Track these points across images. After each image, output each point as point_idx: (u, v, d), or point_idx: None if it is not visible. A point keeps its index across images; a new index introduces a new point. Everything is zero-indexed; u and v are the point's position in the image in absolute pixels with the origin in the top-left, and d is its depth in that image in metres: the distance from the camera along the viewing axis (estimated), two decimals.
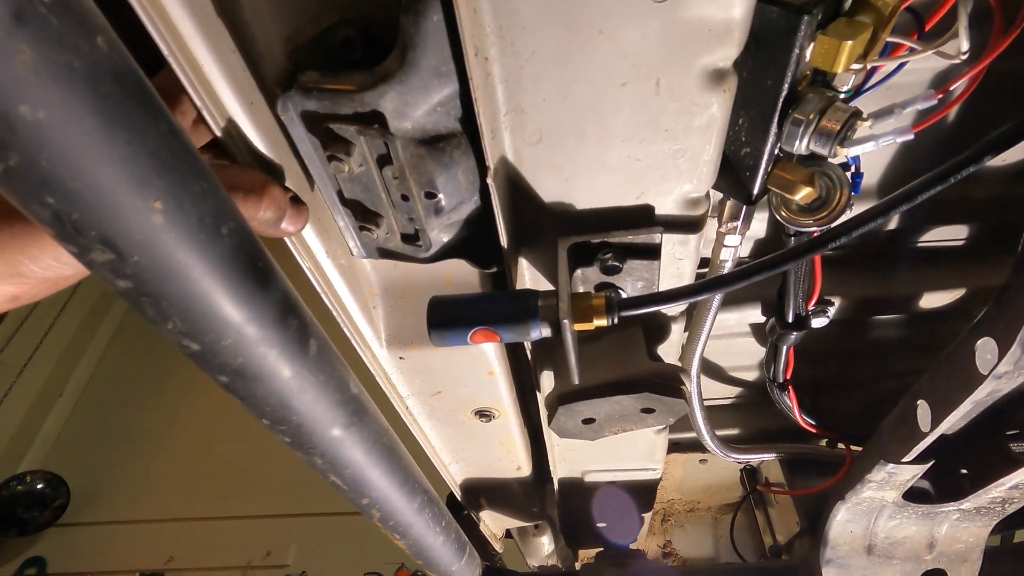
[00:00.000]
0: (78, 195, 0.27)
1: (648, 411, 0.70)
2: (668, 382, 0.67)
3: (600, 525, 1.36)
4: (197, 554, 4.43)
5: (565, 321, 0.50)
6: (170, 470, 4.71)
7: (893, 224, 0.76)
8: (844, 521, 0.92)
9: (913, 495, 0.90)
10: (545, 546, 1.65)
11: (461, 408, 0.88)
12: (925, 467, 0.78)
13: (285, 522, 4.59)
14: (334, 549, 4.44)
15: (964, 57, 0.43)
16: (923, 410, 0.73)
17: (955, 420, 0.68)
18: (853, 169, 0.58)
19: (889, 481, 0.81)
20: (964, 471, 0.89)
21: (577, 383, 0.59)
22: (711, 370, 1.06)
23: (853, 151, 0.46)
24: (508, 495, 1.24)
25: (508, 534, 1.58)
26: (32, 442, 4.60)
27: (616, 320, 0.55)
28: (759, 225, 0.75)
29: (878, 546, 0.94)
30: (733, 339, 0.95)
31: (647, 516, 1.33)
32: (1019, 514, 1.17)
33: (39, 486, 4.36)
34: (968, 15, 0.41)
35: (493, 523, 1.38)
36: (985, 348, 0.62)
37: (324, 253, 0.60)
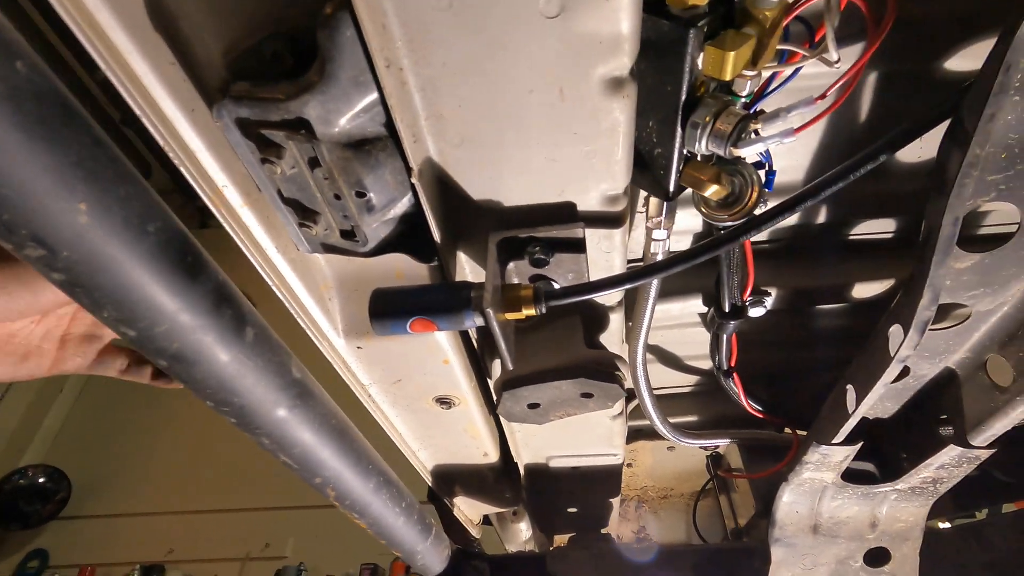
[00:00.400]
0: (7, 199, 0.31)
1: (587, 396, 0.74)
2: (603, 368, 0.71)
3: (570, 511, 1.41)
4: (197, 546, 4.50)
5: (489, 310, 0.55)
6: (169, 464, 4.78)
7: (823, 218, 0.80)
8: (790, 502, 0.96)
9: (858, 478, 0.94)
10: (523, 532, 1.70)
11: (421, 396, 0.93)
12: (854, 448, 0.82)
13: (283, 515, 4.66)
14: (331, 541, 4.51)
15: (838, 66, 0.47)
16: (850, 393, 0.77)
17: (874, 402, 0.72)
18: (767, 167, 0.62)
19: (824, 462, 0.85)
20: (904, 455, 0.94)
21: (510, 368, 0.63)
22: (668, 359, 1.10)
23: (744, 151, 0.50)
24: (479, 481, 1.29)
25: (487, 520, 1.63)
26: (33, 437, 4.67)
27: (544, 309, 0.60)
28: (695, 220, 0.79)
29: (823, 525, 0.98)
30: (684, 329, 1.00)
31: (615, 501, 1.38)
32: (968, 496, 1.21)
33: (41, 480, 4.42)
34: (835, 28, 0.45)
35: (468, 509, 1.42)
36: (896, 334, 0.66)
37: (275, 249, 0.65)
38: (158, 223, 0.39)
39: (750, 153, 0.50)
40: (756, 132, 0.50)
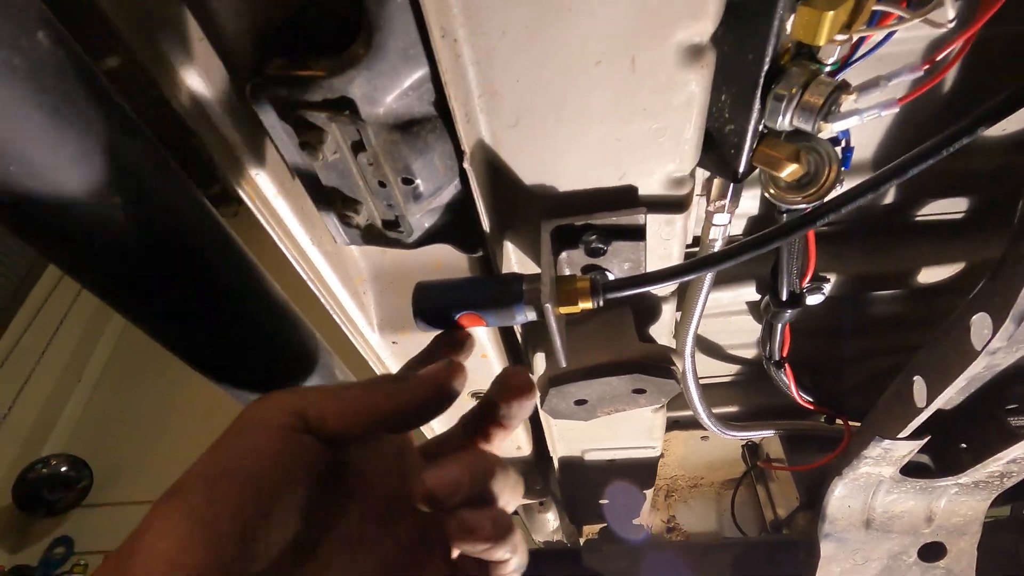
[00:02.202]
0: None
1: (639, 392, 0.70)
2: (658, 363, 0.67)
3: (602, 503, 1.38)
4: None
5: (547, 305, 0.50)
6: (188, 451, 4.78)
7: (890, 198, 0.74)
8: (842, 496, 0.92)
9: (911, 470, 0.90)
10: (551, 522, 1.67)
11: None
12: (921, 443, 0.77)
13: None
14: None
15: (951, 25, 0.41)
16: (919, 386, 0.72)
17: (950, 396, 0.67)
18: (844, 144, 0.56)
19: (885, 457, 0.81)
20: (963, 446, 0.89)
21: (564, 366, 0.59)
22: (709, 348, 1.05)
23: (838, 126, 0.45)
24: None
25: (514, 511, 1.61)
26: (54, 426, 4.72)
27: (601, 303, 0.55)
28: (752, 203, 0.74)
29: (876, 520, 0.94)
30: (729, 317, 0.95)
31: (648, 493, 1.35)
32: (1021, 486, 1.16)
33: (63, 469, 4.48)
34: None
35: None
36: (980, 323, 0.61)
37: (309, 241, 0.60)
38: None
39: (844, 127, 0.44)
40: (848, 106, 0.45)
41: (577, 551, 1.15)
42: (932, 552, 0.96)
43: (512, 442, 1.09)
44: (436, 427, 0.91)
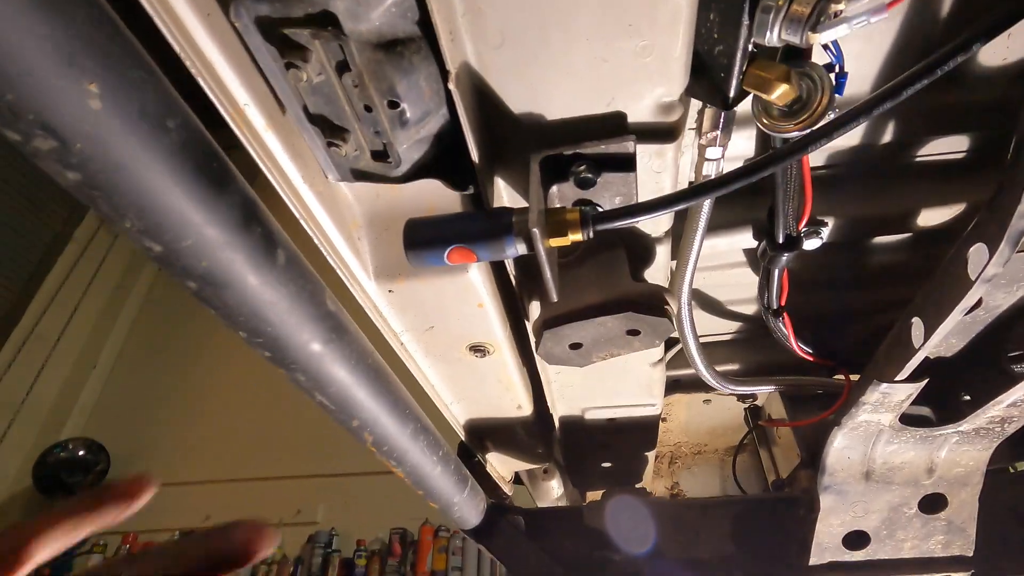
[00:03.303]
0: (6, 73, 0.28)
1: (634, 333, 0.70)
2: (651, 301, 0.67)
3: (605, 465, 1.39)
4: (231, 513, 4.63)
5: (535, 230, 0.50)
6: (204, 434, 4.91)
7: (888, 137, 0.73)
8: (841, 447, 0.92)
9: (912, 421, 0.89)
10: (555, 490, 1.69)
11: (455, 344, 0.89)
12: (919, 385, 0.77)
13: (314, 482, 4.78)
14: (361, 507, 4.63)
15: None
16: (916, 327, 0.72)
17: (946, 332, 0.67)
18: (837, 69, 0.56)
19: (884, 402, 0.81)
20: (966, 397, 0.88)
21: (555, 300, 0.59)
22: (709, 304, 1.05)
23: (826, 35, 0.44)
24: (512, 436, 1.27)
25: (518, 479, 1.62)
26: (71, 411, 4.82)
27: (591, 234, 0.55)
28: (747, 143, 0.73)
29: (876, 472, 0.94)
30: (728, 270, 0.94)
31: (651, 455, 1.35)
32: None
33: (80, 452, 4.57)
34: None
35: (500, 466, 1.41)
36: (977, 254, 0.60)
37: (301, 179, 0.60)
38: (178, 119, 0.35)
39: (834, 36, 0.44)
40: (837, 14, 0.44)
41: (579, 511, 1.16)
42: (933, 504, 0.96)
43: (512, 401, 1.10)
44: None
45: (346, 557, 4.40)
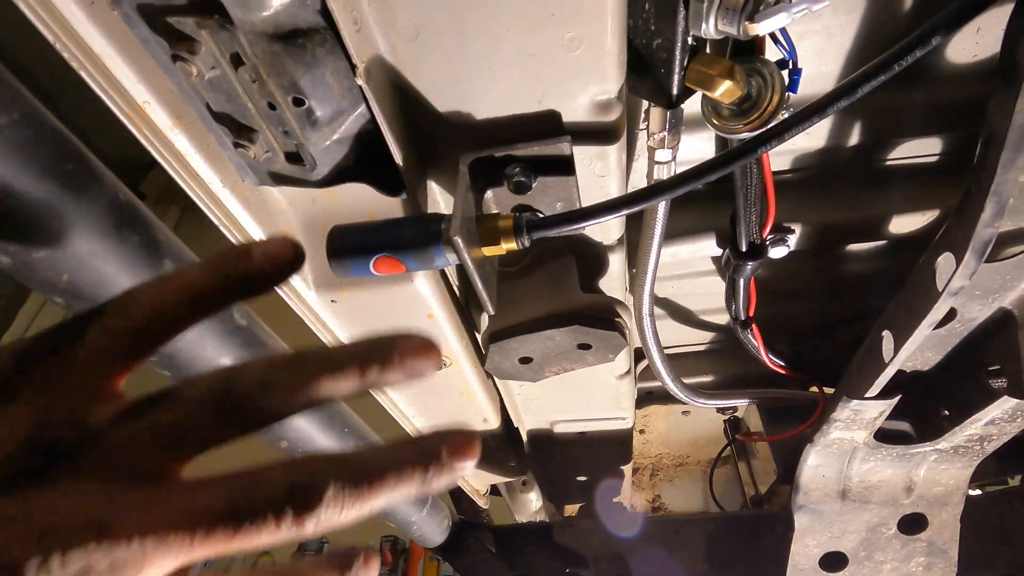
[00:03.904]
0: None
1: (585, 347, 0.66)
2: (601, 314, 0.62)
3: (580, 479, 1.35)
4: None
5: (457, 239, 0.46)
6: None
7: (856, 140, 0.69)
8: (815, 465, 0.87)
9: (889, 436, 0.85)
10: (533, 502, 1.64)
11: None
12: (891, 402, 0.73)
13: None
14: None
15: None
16: (887, 340, 0.67)
17: (916, 346, 0.63)
18: (791, 65, 0.52)
19: (856, 419, 0.76)
20: (945, 412, 0.84)
21: (492, 312, 0.55)
22: (678, 313, 1.01)
23: (764, 25, 0.40)
24: (484, 450, 1.22)
25: (497, 492, 1.58)
26: None
27: (527, 242, 0.51)
28: (707, 145, 0.69)
29: (852, 490, 0.89)
30: (698, 279, 0.90)
31: (627, 468, 1.31)
32: (1011, 457, 1.11)
33: None
34: None
35: (474, 479, 1.37)
36: (945, 264, 0.56)
37: (219, 183, 0.56)
38: (15, 114, 0.31)
39: (771, 28, 0.40)
40: (775, 1, 0.40)
41: (549, 527, 1.12)
42: (913, 524, 0.92)
43: (477, 413, 1.05)
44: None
45: None
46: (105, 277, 0.37)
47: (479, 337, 0.78)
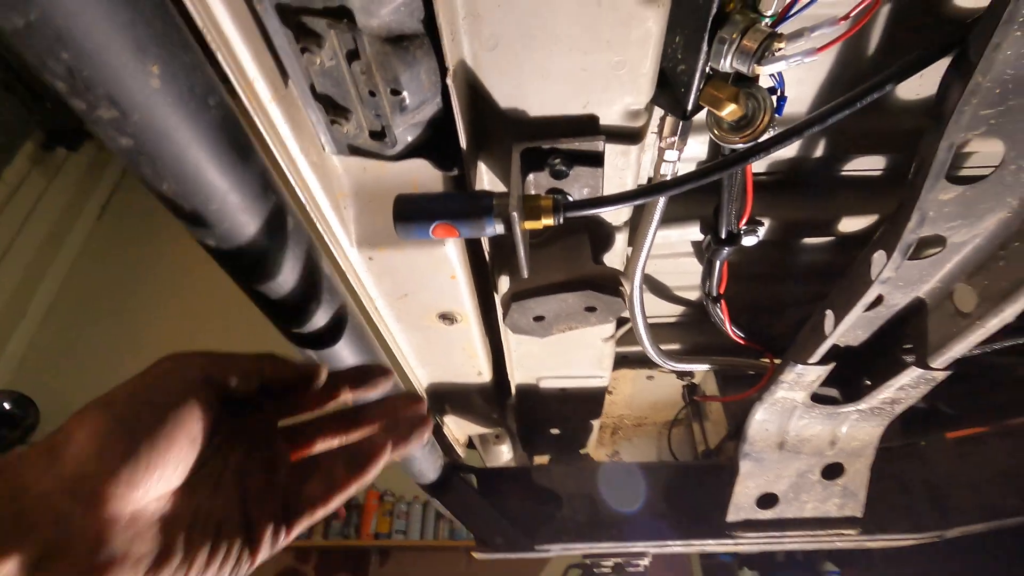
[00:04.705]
0: (88, 52, 0.32)
1: (591, 309, 0.79)
2: (609, 283, 0.75)
3: (553, 432, 1.50)
4: None
5: (514, 214, 0.57)
6: None
7: (820, 152, 0.84)
8: (761, 420, 1.05)
9: (821, 399, 1.03)
10: (505, 454, 1.79)
11: (426, 312, 0.96)
12: (828, 368, 0.89)
13: None
14: None
15: None
16: (829, 318, 0.84)
17: (851, 324, 0.79)
18: (779, 92, 0.65)
19: (798, 382, 0.93)
20: (868, 382, 1.02)
21: (526, 276, 0.67)
22: (657, 289, 1.15)
23: (768, 68, 0.53)
24: (469, 401, 1.35)
25: (471, 444, 1.72)
26: None
27: (562, 220, 0.63)
28: (701, 147, 0.82)
29: (788, 443, 1.08)
30: (677, 259, 1.04)
31: (596, 424, 1.47)
32: (917, 424, 1.33)
33: (6, 406, 4.36)
34: None
35: (456, 429, 1.50)
36: (879, 259, 0.71)
37: (298, 149, 0.65)
38: (217, 98, 0.40)
39: (773, 71, 0.52)
40: (778, 52, 0.53)
41: (528, 470, 1.26)
42: (833, 471, 1.11)
43: (474, 367, 1.17)
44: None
45: None
46: (249, 228, 0.47)
47: (497, 297, 0.90)
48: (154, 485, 0.38)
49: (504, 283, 0.85)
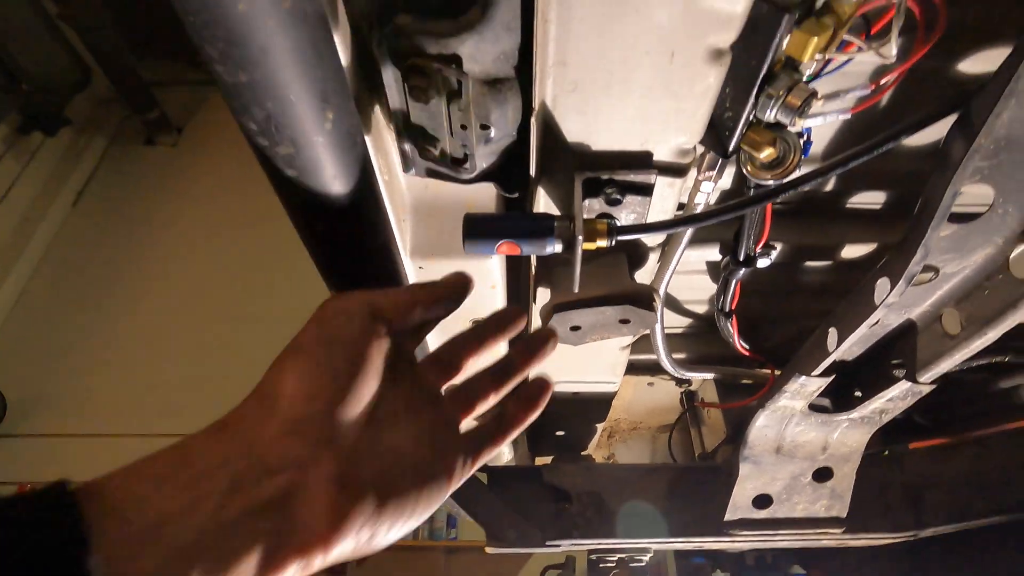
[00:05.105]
0: (289, 104, 0.38)
1: (625, 321, 0.86)
2: (645, 298, 0.83)
3: (558, 433, 1.57)
4: None
5: (579, 237, 0.65)
6: (114, 385, 4.65)
7: (829, 187, 0.93)
8: (762, 426, 1.14)
9: (816, 408, 1.13)
10: (505, 454, 1.86)
11: (462, 316, 1.02)
12: (828, 380, 0.99)
13: None
14: None
15: (893, 60, 0.58)
16: (832, 335, 0.93)
17: (853, 342, 0.88)
18: (805, 137, 0.73)
19: (800, 392, 1.03)
20: (858, 393, 1.13)
21: (576, 291, 0.74)
22: (669, 302, 1.24)
23: (808, 123, 0.61)
24: None
25: None
26: None
27: (614, 242, 0.70)
28: (726, 179, 0.91)
29: (785, 447, 1.17)
30: (691, 276, 1.13)
31: (600, 427, 1.55)
32: (895, 434, 1.45)
33: None
34: (899, 28, 0.55)
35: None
36: (882, 286, 0.81)
37: (376, 170, 0.71)
38: (361, 136, 0.47)
39: (813, 125, 0.61)
40: (817, 108, 0.61)
41: (539, 469, 1.33)
42: (823, 475, 1.21)
43: None
44: None
45: None
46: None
47: (535, 307, 0.97)
48: (361, 420, 0.41)
49: (543, 294, 0.92)
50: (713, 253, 1.02)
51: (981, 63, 0.73)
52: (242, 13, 0.32)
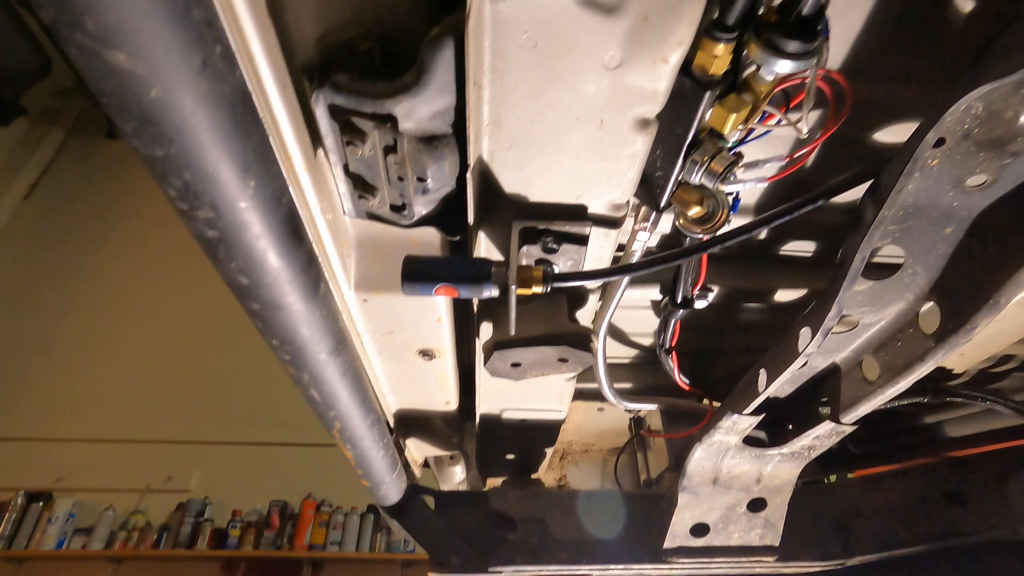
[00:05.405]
0: (206, 174, 0.39)
1: (563, 360, 0.89)
2: (582, 340, 0.86)
3: (508, 457, 1.59)
4: (90, 475, 4.31)
5: (512, 286, 0.67)
6: (70, 388, 4.48)
7: (764, 234, 0.98)
8: (699, 458, 1.18)
9: (751, 441, 1.17)
10: (458, 474, 1.86)
11: (408, 347, 1.04)
12: (758, 419, 1.03)
13: (188, 448, 4.55)
14: (238, 477, 4.48)
15: (805, 136, 0.62)
16: (762, 376, 0.98)
17: (780, 384, 0.93)
18: (735, 194, 0.78)
19: (733, 428, 1.07)
20: (790, 427, 1.18)
21: (513, 334, 0.76)
22: (616, 334, 1.27)
23: (728, 188, 0.65)
24: (432, 426, 1.43)
25: (425, 464, 1.78)
26: None
27: (549, 288, 0.73)
28: (666, 224, 0.95)
29: (721, 479, 1.21)
30: (636, 311, 1.17)
31: (549, 451, 1.57)
32: (829, 463, 1.51)
33: None
34: (810, 107, 0.60)
35: (416, 451, 1.56)
36: (804, 335, 0.86)
37: (319, 209, 0.72)
38: (287, 196, 0.48)
39: (733, 190, 0.65)
40: (737, 175, 0.65)
41: (485, 494, 1.35)
42: (757, 505, 1.26)
43: (443, 397, 1.25)
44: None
45: (219, 527, 4.27)
46: (290, 296, 0.54)
47: (479, 342, 0.98)
48: None
49: (486, 329, 0.94)
50: (656, 292, 1.05)
51: (894, 135, 0.78)
52: (155, 99, 0.33)
